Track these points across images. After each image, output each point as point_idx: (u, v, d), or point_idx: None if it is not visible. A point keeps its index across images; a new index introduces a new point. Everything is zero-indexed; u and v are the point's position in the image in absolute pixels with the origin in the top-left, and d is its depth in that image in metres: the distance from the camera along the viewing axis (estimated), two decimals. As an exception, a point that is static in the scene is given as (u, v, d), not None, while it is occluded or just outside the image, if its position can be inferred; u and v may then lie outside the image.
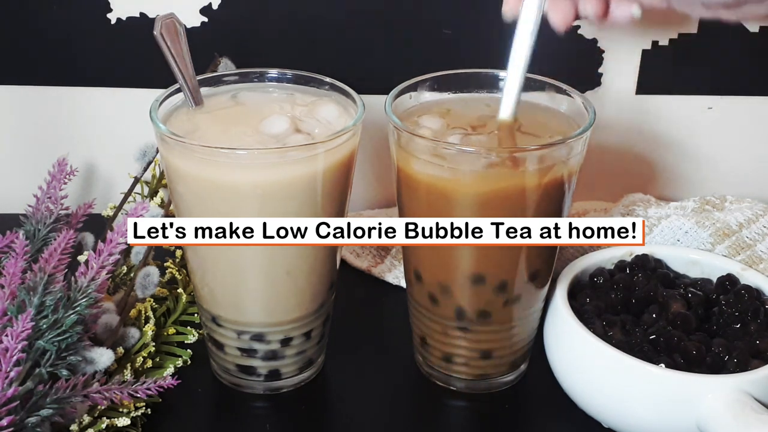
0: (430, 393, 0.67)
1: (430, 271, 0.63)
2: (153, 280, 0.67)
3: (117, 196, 0.83)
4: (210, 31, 0.80)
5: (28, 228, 0.68)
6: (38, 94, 0.83)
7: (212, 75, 0.66)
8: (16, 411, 0.53)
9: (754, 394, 0.57)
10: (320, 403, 0.67)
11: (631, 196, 0.83)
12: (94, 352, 0.59)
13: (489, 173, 0.58)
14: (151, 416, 0.62)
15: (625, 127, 0.87)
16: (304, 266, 0.62)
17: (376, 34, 0.81)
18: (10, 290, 0.58)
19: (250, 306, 0.63)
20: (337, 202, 0.61)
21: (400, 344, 0.70)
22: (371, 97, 0.65)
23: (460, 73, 0.66)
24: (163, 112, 0.62)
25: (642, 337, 0.61)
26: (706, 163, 0.89)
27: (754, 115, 0.87)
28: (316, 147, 0.58)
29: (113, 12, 0.80)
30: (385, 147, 0.65)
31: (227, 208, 0.58)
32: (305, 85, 0.65)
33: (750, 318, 0.62)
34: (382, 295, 0.77)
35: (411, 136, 0.59)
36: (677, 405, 0.57)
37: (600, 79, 0.84)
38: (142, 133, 0.72)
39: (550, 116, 0.64)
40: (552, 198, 0.60)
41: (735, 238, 0.76)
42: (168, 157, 0.60)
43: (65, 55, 0.82)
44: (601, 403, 0.61)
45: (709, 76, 0.85)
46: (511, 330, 0.64)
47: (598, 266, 0.69)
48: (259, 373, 0.66)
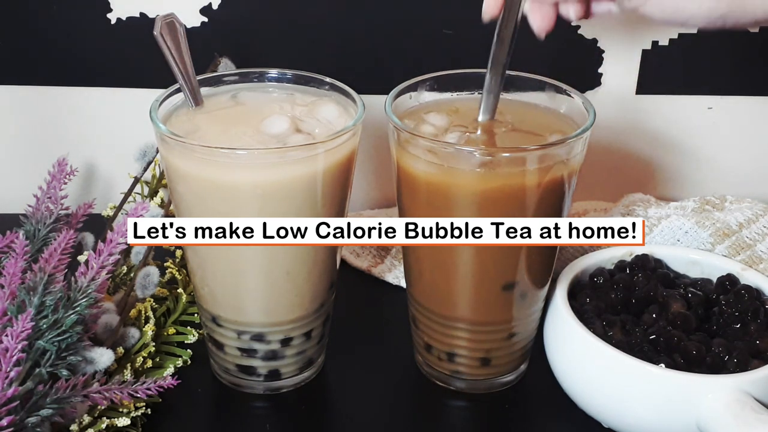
0: (430, 393, 0.67)
1: (430, 270, 0.63)
2: (153, 280, 0.67)
3: (117, 196, 0.83)
4: (210, 31, 0.80)
5: (28, 228, 0.68)
6: (38, 94, 0.83)
7: (212, 75, 0.66)
8: (16, 411, 0.53)
9: (754, 394, 0.57)
10: (320, 403, 0.67)
11: (631, 196, 0.83)
12: (94, 352, 0.59)
13: (489, 173, 0.58)
14: (151, 416, 0.62)
15: (625, 127, 0.87)
16: (304, 266, 0.62)
17: (376, 34, 0.81)
18: (10, 290, 0.58)
19: (250, 306, 0.63)
20: (337, 202, 0.61)
21: (400, 344, 0.70)
22: (371, 97, 0.65)
23: (460, 73, 0.66)
24: (163, 112, 0.62)
25: (642, 337, 0.61)
26: (706, 163, 0.89)
27: (754, 115, 0.87)
28: (316, 147, 0.58)
29: (113, 12, 0.80)
30: (385, 147, 0.65)
31: (227, 208, 0.58)
32: (305, 85, 0.65)
33: (750, 318, 0.62)
34: (382, 295, 0.77)
35: (411, 136, 0.59)
36: (677, 405, 0.57)
37: (600, 79, 0.84)
38: (142, 133, 0.72)
39: (550, 116, 0.64)
40: (552, 198, 0.60)
41: (735, 238, 0.76)
42: (168, 157, 0.60)
43: (65, 55, 0.82)
44: (601, 403, 0.61)
45: (709, 76, 0.85)
46: (511, 330, 0.64)
47: (598, 266, 0.69)
48: (259, 373, 0.66)
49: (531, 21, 0.60)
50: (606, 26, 0.82)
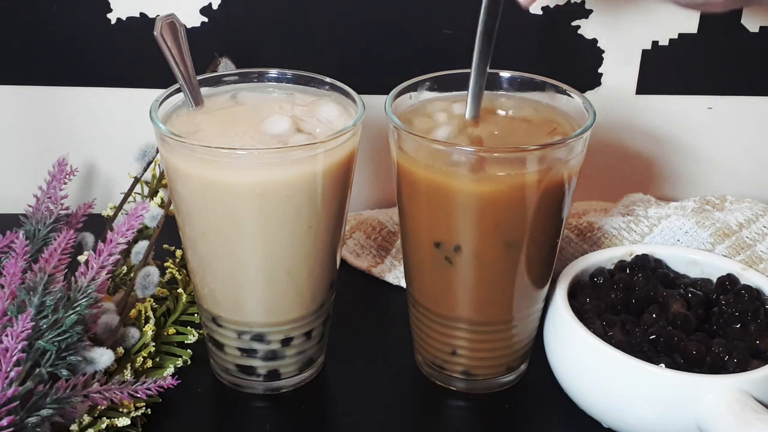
0: (430, 393, 0.67)
1: (430, 270, 0.63)
2: (153, 280, 0.67)
3: (117, 196, 0.83)
4: (210, 31, 0.80)
5: (28, 228, 0.68)
6: (38, 94, 0.83)
7: (212, 75, 0.66)
8: (16, 411, 0.53)
9: (754, 394, 0.57)
10: (320, 403, 0.67)
11: (631, 196, 0.83)
12: (94, 352, 0.59)
13: (489, 173, 0.58)
14: (151, 416, 0.62)
15: (625, 127, 0.87)
16: (304, 266, 0.62)
17: (376, 34, 0.81)
18: (10, 290, 0.58)
19: (251, 306, 0.63)
20: (337, 202, 0.61)
21: (400, 344, 0.70)
22: (371, 97, 0.65)
23: (460, 73, 0.66)
24: (163, 112, 0.62)
25: (642, 337, 0.61)
26: (706, 163, 0.89)
27: (754, 115, 0.87)
28: (316, 147, 0.58)
29: (113, 12, 0.80)
30: (385, 147, 0.65)
31: (227, 208, 0.58)
32: (305, 85, 0.65)
33: (750, 318, 0.62)
34: (382, 295, 0.77)
35: (411, 136, 0.59)
36: (677, 405, 0.57)
37: (600, 79, 0.84)
38: (142, 133, 0.72)
39: (550, 116, 0.64)
40: (552, 198, 0.60)
41: (735, 238, 0.76)
42: (168, 158, 0.60)
43: (65, 55, 0.82)
44: (601, 403, 0.61)
45: (709, 76, 0.85)
46: (511, 330, 0.64)
47: (598, 266, 0.69)
48: (259, 373, 0.66)
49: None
50: (606, 26, 0.82)
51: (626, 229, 0.77)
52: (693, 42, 0.83)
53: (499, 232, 0.60)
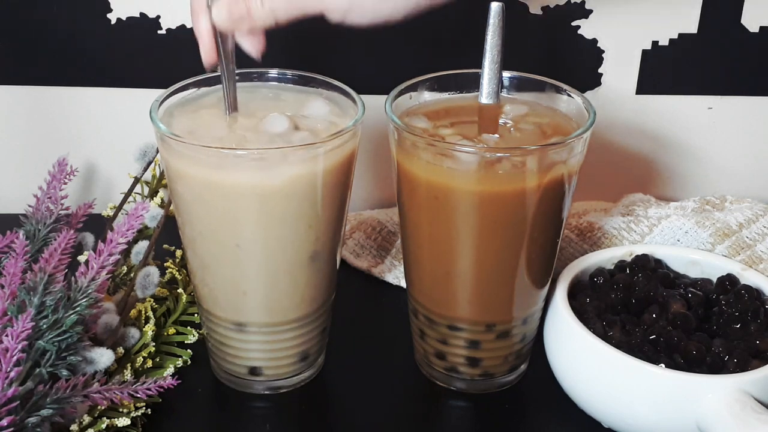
0: (430, 393, 0.67)
1: (431, 270, 0.63)
2: (153, 280, 0.67)
3: (117, 196, 0.83)
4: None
5: (28, 228, 0.68)
6: (38, 94, 0.83)
7: (212, 75, 0.66)
8: (16, 411, 0.53)
9: (754, 394, 0.57)
10: (320, 403, 0.67)
11: (631, 196, 0.83)
12: (94, 352, 0.59)
13: (489, 173, 0.58)
14: (151, 416, 0.62)
15: (625, 127, 0.87)
16: (304, 266, 0.62)
17: (377, 35, 0.81)
18: (10, 290, 0.58)
19: (250, 306, 0.63)
20: (337, 202, 0.61)
21: (400, 344, 0.70)
22: (371, 97, 0.65)
23: (460, 73, 0.66)
24: (163, 112, 0.62)
25: (642, 337, 0.61)
26: (706, 163, 0.89)
27: (754, 115, 0.87)
28: (317, 147, 0.58)
29: (113, 12, 0.80)
30: (385, 147, 0.65)
31: (227, 208, 0.58)
32: (305, 85, 0.65)
33: (750, 318, 0.62)
34: (382, 295, 0.77)
35: (411, 136, 0.59)
36: (677, 405, 0.57)
37: (600, 79, 0.84)
38: (142, 133, 0.72)
39: (550, 116, 0.64)
40: (552, 198, 0.60)
41: (735, 238, 0.76)
42: (168, 157, 0.60)
43: (65, 55, 0.82)
44: (601, 403, 0.61)
45: (709, 76, 0.85)
46: (511, 330, 0.64)
47: (598, 266, 0.69)
48: (259, 373, 0.66)
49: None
50: (606, 26, 0.82)
51: (626, 229, 0.77)
52: (693, 42, 0.83)
53: (499, 232, 0.60)
